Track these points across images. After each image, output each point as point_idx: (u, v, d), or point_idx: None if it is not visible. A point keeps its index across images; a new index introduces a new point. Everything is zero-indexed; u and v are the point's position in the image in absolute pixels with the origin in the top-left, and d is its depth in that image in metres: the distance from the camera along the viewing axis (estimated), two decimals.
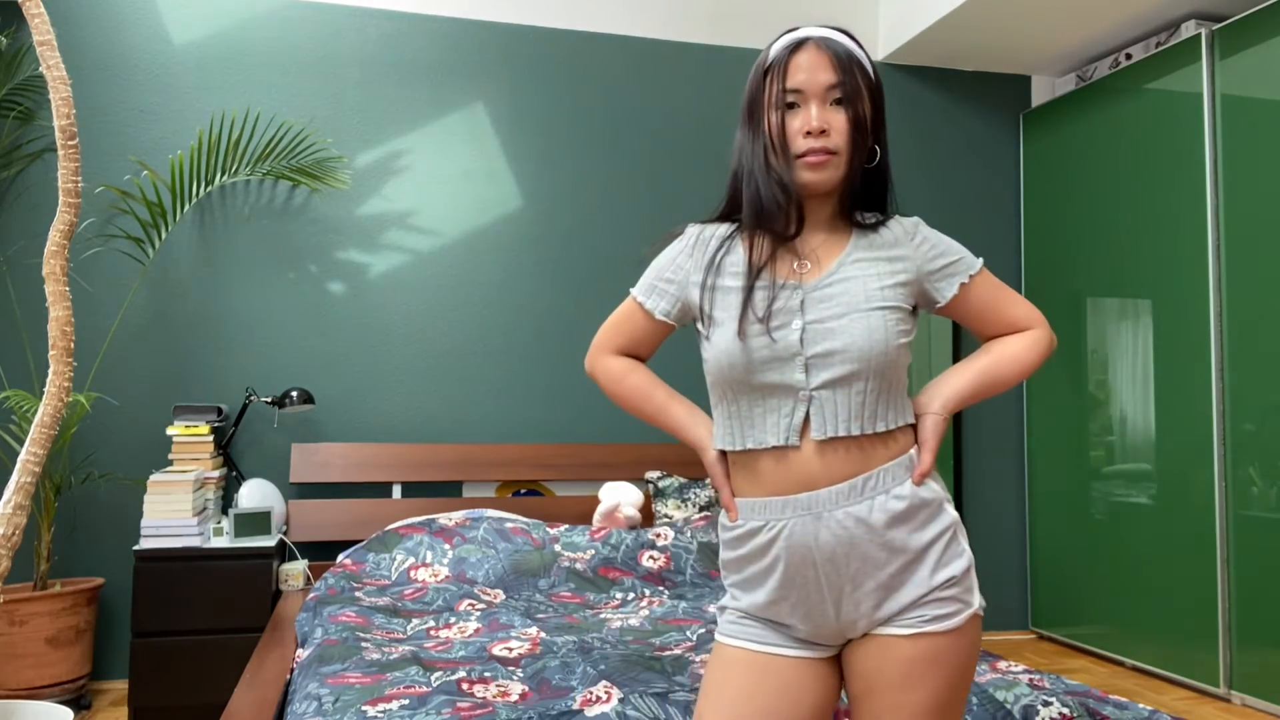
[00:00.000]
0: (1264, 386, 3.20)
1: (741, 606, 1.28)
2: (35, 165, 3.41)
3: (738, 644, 1.26)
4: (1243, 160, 3.29)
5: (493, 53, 3.84)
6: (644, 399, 1.36)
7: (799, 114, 1.22)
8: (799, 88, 1.22)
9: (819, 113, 1.21)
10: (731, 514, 1.26)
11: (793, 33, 1.26)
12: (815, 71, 1.22)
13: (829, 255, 1.27)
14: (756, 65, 1.29)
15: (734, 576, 1.29)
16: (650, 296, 1.34)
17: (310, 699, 1.89)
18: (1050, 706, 1.81)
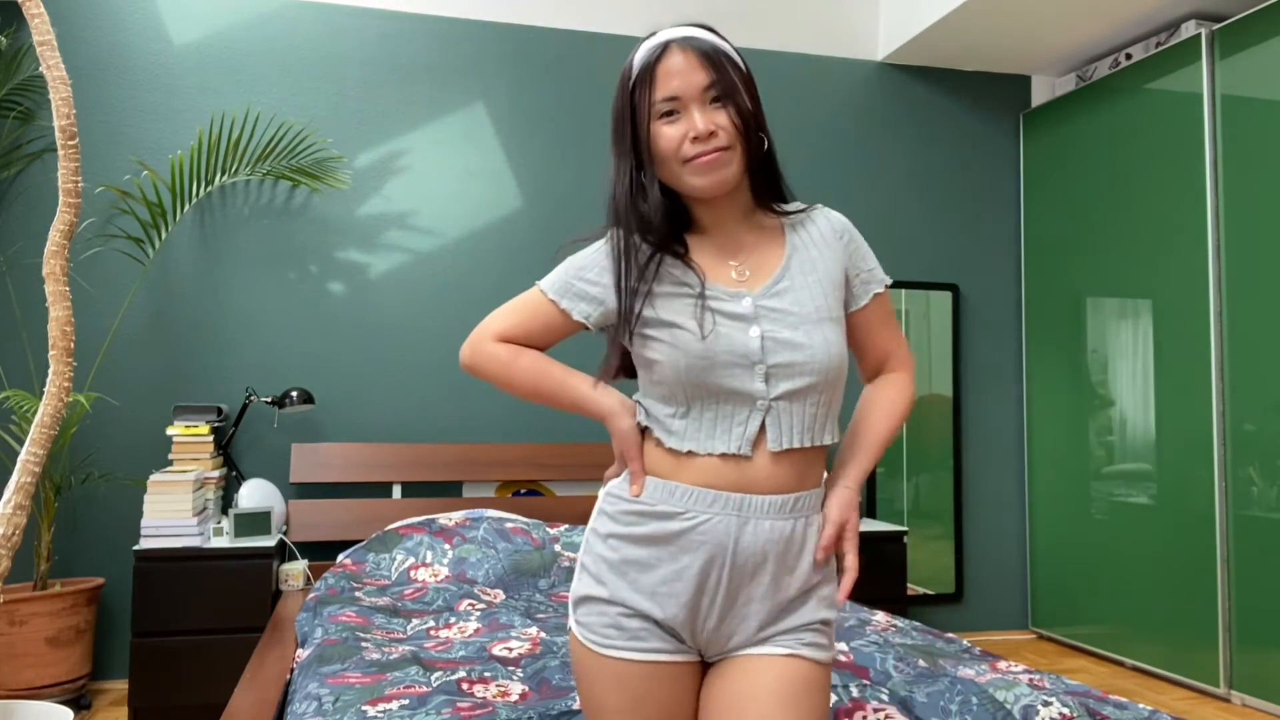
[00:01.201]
0: (1264, 386, 3.20)
1: (617, 599, 1.18)
2: (35, 165, 3.41)
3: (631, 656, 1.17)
4: (1243, 160, 3.29)
5: (493, 53, 3.84)
6: (542, 377, 1.25)
7: (680, 121, 1.17)
8: (675, 94, 1.17)
9: (702, 116, 1.17)
10: (635, 488, 1.20)
11: (651, 39, 1.20)
12: (688, 74, 1.17)
13: (769, 257, 1.25)
14: (621, 80, 1.23)
15: (614, 555, 1.20)
16: (566, 297, 1.25)
17: (310, 699, 1.89)
18: (1050, 706, 1.81)
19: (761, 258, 1.25)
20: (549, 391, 1.25)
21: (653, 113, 1.18)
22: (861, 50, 4.25)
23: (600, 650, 1.18)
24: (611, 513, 1.23)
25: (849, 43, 4.24)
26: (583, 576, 1.23)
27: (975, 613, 4.22)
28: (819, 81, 4.20)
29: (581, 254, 1.28)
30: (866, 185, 4.23)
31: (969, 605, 4.21)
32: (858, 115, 4.23)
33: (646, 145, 1.19)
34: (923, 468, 4.17)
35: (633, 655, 1.16)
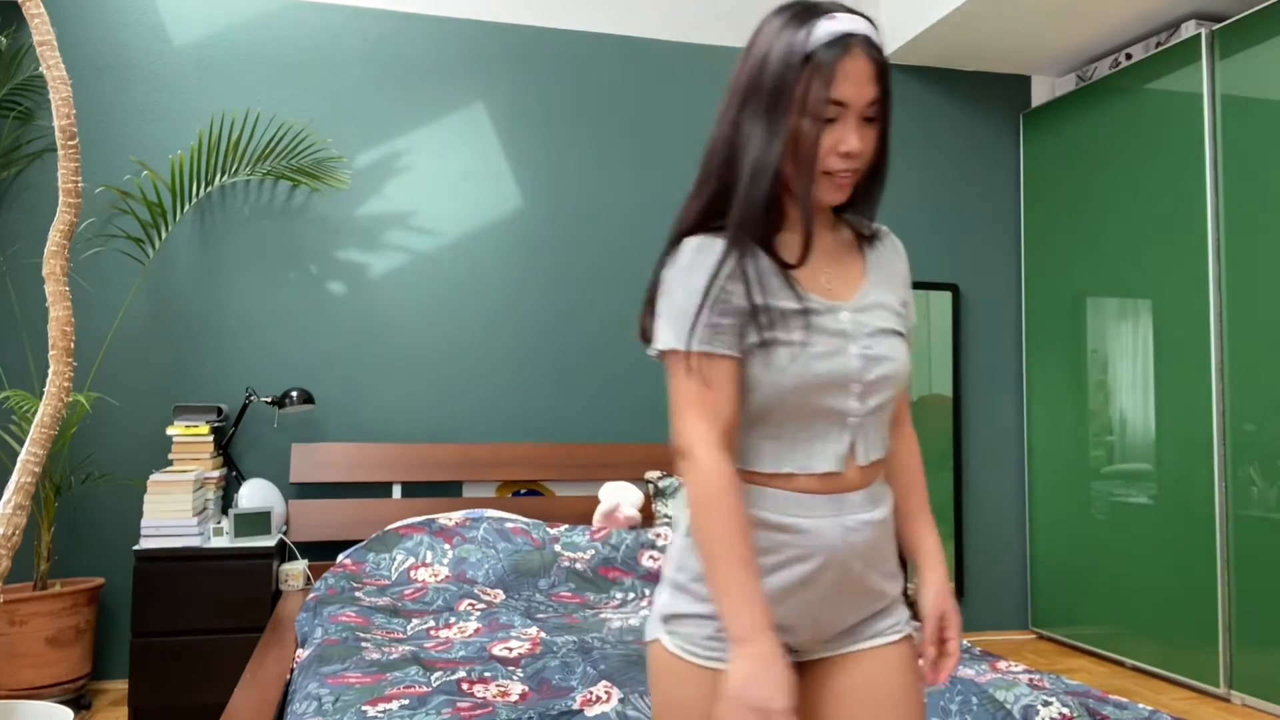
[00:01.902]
0: (1264, 386, 3.20)
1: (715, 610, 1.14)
2: (35, 165, 3.41)
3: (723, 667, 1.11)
4: (1243, 160, 3.29)
5: (493, 53, 3.84)
6: (732, 538, 1.05)
7: (835, 129, 1.08)
8: (845, 101, 1.07)
9: (857, 133, 1.09)
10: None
11: (833, 21, 1.08)
12: (862, 85, 1.08)
13: (851, 267, 1.21)
14: (782, 41, 1.09)
15: None
16: (716, 341, 1.09)
17: (310, 699, 1.89)
18: (1050, 706, 1.81)
19: (844, 267, 1.20)
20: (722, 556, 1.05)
21: (815, 109, 1.07)
22: None
23: (699, 661, 1.13)
24: None
25: None
26: (678, 595, 1.16)
27: (975, 612, 4.22)
28: None
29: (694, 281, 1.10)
30: None
31: (969, 605, 4.21)
32: None
33: (792, 134, 1.09)
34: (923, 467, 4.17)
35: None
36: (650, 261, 3.95)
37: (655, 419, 3.91)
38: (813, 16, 1.10)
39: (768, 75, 1.09)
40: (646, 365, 3.92)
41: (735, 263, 1.10)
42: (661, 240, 3.96)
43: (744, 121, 1.11)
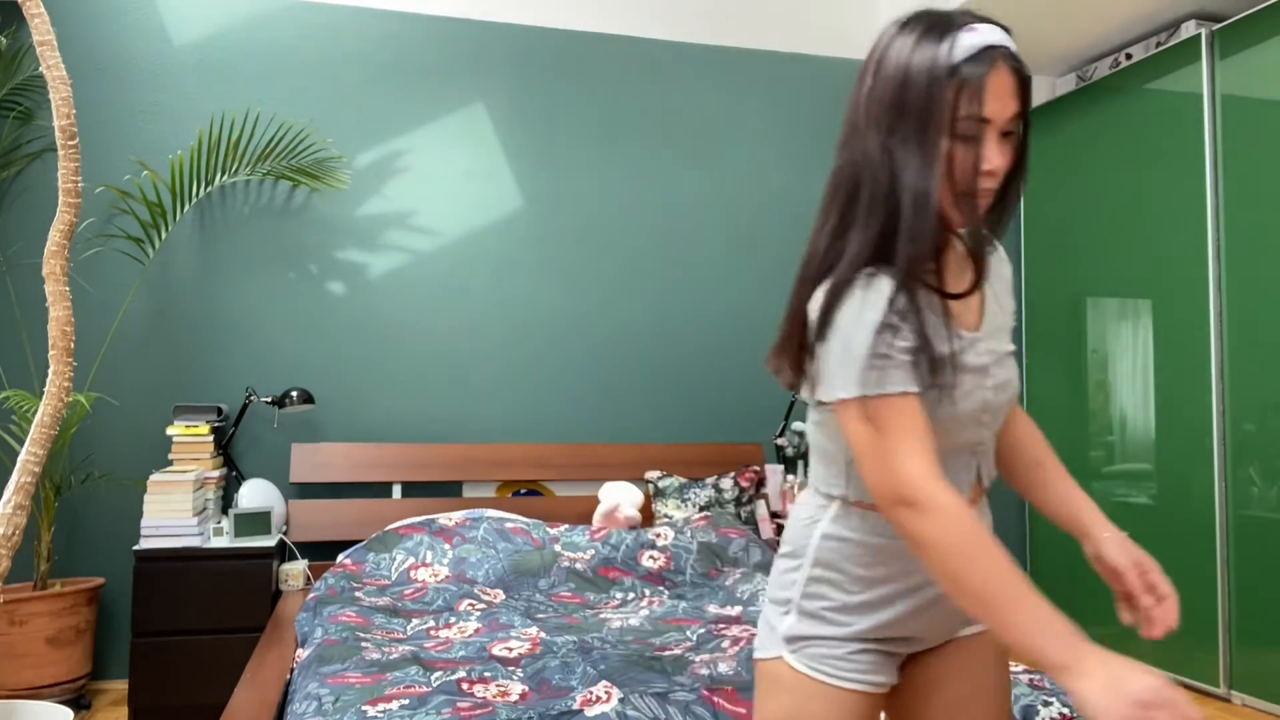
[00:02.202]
0: (1264, 386, 3.20)
1: (852, 633, 1.16)
2: (35, 165, 3.41)
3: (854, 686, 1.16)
4: (1243, 160, 3.29)
5: (493, 53, 3.84)
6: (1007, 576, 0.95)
7: (974, 145, 1.03)
8: (989, 117, 1.03)
9: (997, 148, 1.04)
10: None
11: (974, 33, 1.03)
12: (1006, 100, 1.03)
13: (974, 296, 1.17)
14: (922, 55, 1.03)
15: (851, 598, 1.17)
16: (905, 381, 1.04)
17: (310, 699, 1.89)
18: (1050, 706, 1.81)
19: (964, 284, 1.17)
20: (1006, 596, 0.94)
21: (964, 128, 1.02)
22: (861, 50, 4.25)
23: (830, 681, 1.16)
24: (835, 557, 1.17)
25: (849, 43, 4.24)
26: (804, 620, 1.18)
27: None
28: (819, 81, 4.20)
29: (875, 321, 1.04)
30: None
31: None
32: None
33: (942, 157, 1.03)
34: None
35: (862, 687, 1.16)
36: (650, 261, 3.95)
37: (655, 419, 3.91)
38: (950, 28, 1.04)
39: (913, 94, 1.03)
40: (646, 365, 3.92)
41: (908, 302, 1.04)
42: (661, 240, 3.96)
43: (895, 146, 1.04)
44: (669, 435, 3.93)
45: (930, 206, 1.02)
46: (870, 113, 1.07)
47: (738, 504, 3.62)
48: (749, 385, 4.03)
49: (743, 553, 3.22)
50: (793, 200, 4.13)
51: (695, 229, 4.01)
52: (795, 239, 4.12)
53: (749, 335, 4.04)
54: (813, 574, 1.18)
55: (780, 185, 4.12)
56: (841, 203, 1.08)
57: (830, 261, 1.08)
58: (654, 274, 3.95)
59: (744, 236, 4.06)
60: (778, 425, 4.02)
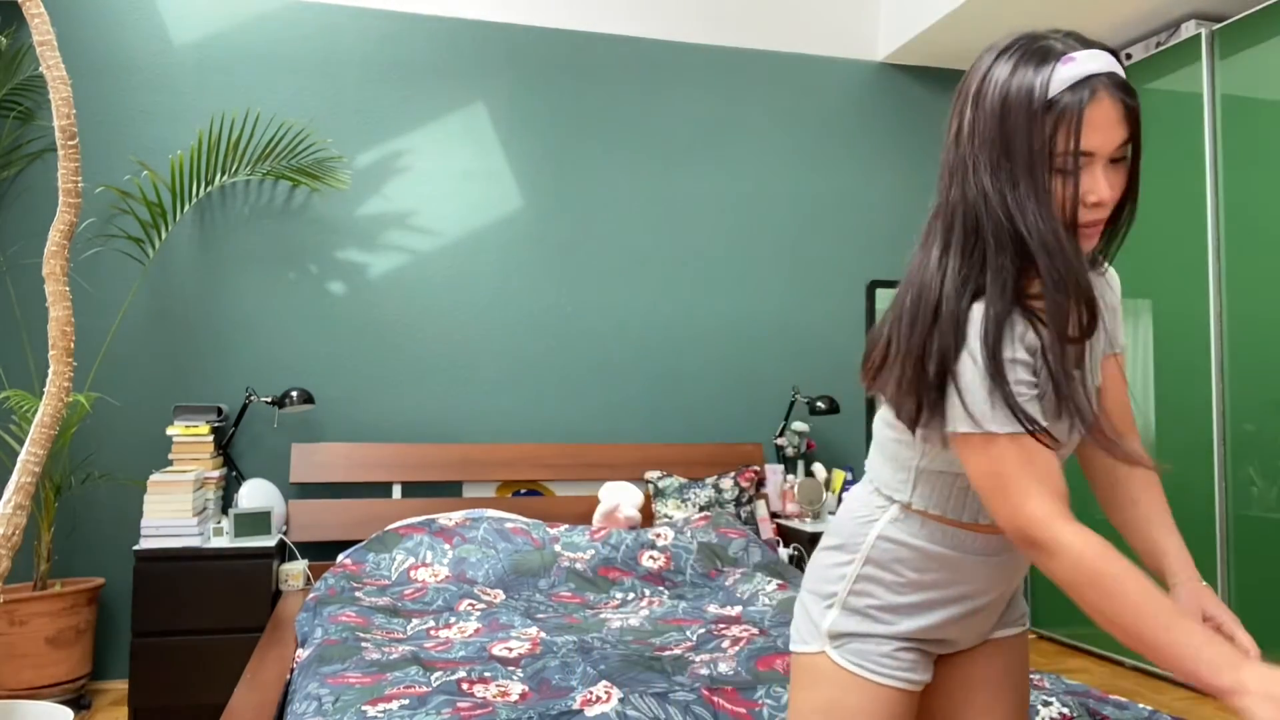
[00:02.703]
0: (1264, 386, 3.20)
1: (896, 632, 1.20)
2: (35, 165, 3.41)
3: (895, 684, 1.19)
4: (1243, 160, 3.29)
5: (493, 53, 3.84)
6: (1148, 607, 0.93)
7: (1082, 177, 1.01)
8: (1093, 150, 1.00)
9: (1105, 178, 1.01)
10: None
11: (1070, 64, 1.00)
12: (1110, 130, 0.99)
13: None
14: (1019, 90, 1.01)
15: (897, 599, 1.19)
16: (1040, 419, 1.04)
17: (310, 699, 1.89)
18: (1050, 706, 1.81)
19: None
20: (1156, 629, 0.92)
21: (1066, 163, 1.00)
22: (861, 50, 4.25)
23: (872, 677, 1.19)
24: (889, 558, 1.19)
25: (849, 43, 4.24)
26: (848, 616, 1.21)
27: None
28: (819, 81, 4.20)
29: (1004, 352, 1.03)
30: (866, 185, 4.23)
31: None
32: (858, 115, 4.23)
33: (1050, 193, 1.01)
34: None
35: (901, 685, 1.20)
36: (650, 261, 3.95)
37: (655, 419, 3.91)
38: (1048, 57, 1.01)
39: (1014, 132, 1.01)
40: (646, 365, 3.92)
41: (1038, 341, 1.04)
42: (661, 240, 3.96)
43: (1004, 187, 1.02)
44: (669, 435, 3.93)
45: (1064, 245, 1.00)
46: (975, 149, 1.05)
47: (738, 504, 3.62)
48: (749, 385, 4.03)
49: (743, 553, 3.22)
50: (793, 200, 4.13)
51: (695, 229, 4.01)
52: (795, 238, 4.12)
53: (749, 335, 4.04)
54: (863, 571, 1.20)
55: (780, 185, 4.12)
56: (963, 242, 1.06)
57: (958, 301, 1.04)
58: (654, 274, 3.95)
59: (744, 236, 4.06)
60: (778, 425, 4.02)
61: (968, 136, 1.05)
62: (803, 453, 3.93)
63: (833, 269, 4.16)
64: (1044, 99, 0.99)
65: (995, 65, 1.04)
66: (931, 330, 1.05)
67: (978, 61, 1.08)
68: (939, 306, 1.05)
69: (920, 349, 1.06)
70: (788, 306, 4.10)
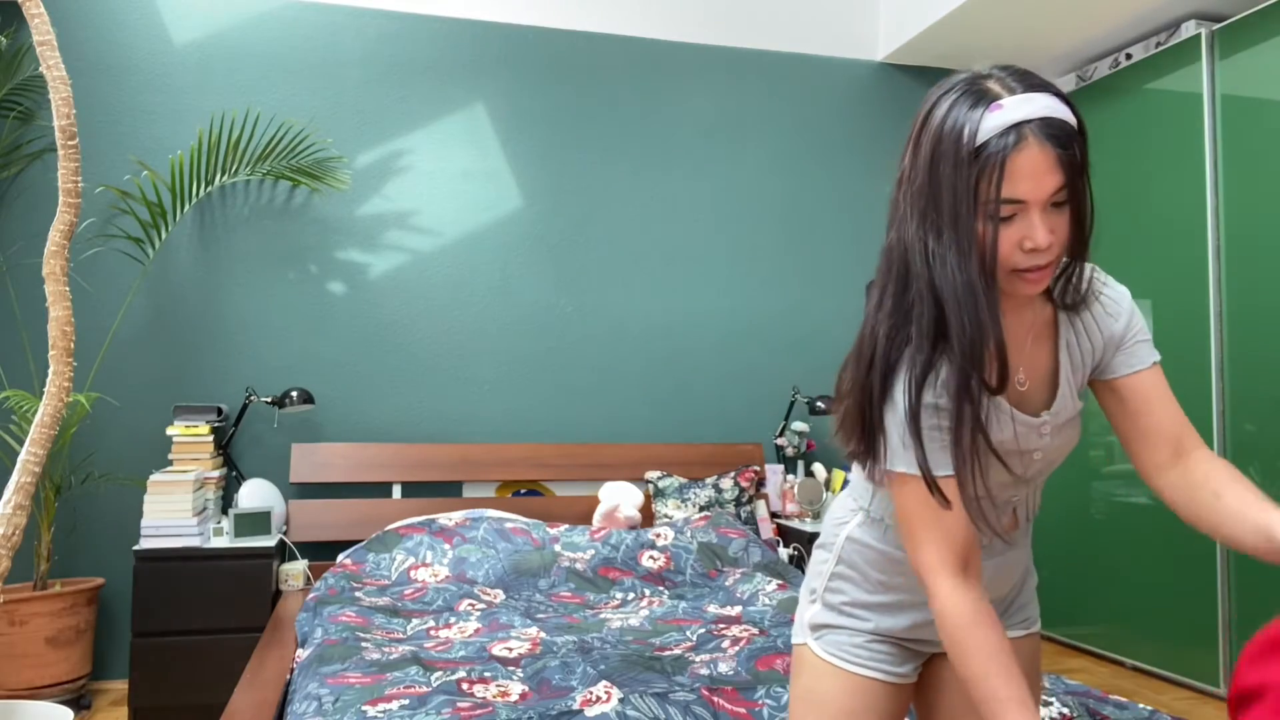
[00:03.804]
0: (1264, 386, 3.20)
1: (869, 628, 1.26)
2: (35, 165, 3.41)
3: (868, 673, 1.25)
4: (1243, 160, 3.29)
5: (493, 53, 3.84)
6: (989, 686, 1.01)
7: (1016, 223, 0.99)
8: (1022, 198, 0.98)
9: (1043, 223, 0.99)
10: None
11: (999, 111, 0.97)
12: (1041, 178, 0.97)
13: (1040, 356, 1.14)
14: (948, 139, 0.99)
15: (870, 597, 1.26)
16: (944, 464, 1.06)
17: (310, 699, 1.89)
18: (1050, 706, 1.81)
19: (1035, 357, 1.13)
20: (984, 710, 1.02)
21: (990, 211, 0.98)
22: (861, 50, 4.25)
23: (844, 665, 1.25)
24: (858, 560, 1.25)
25: (849, 43, 4.24)
26: (826, 611, 1.28)
27: None
28: (819, 81, 4.20)
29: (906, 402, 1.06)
30: (867, 185, 4.23)
31: None
32: (858, 115, 4.23)
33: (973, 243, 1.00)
34: None
35: (876, 675, 1.24)
36: (650, 261, 3.95)
37: (655, 419, 3.91)
38: (980, 101, 0.99)
39: (941, 181, 1.00)
40: (646, 365, 3.92)
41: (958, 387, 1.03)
42: (661, 240, 3.97)
43: (929, 236, 1.02)
44: (669, 435, 3.93)
45: (977, 299, 1.00)
46: (907, 196, 1.05)
47: (738, 504, 3.62)
48: (749, 385, 4.03)
49: (743, 553, 3.22)
50: (792, 200, 4.13)
51: (695, 229, 4.01)
52: (795, 239, 4.12)
53: (749, 335, 4.04)
54: (836, 570, 1.28)
55: (780, 185, 4.12)
56: (895, 287, 1.07)
57: (889, 346, 1.07)
58: (654, 274, 3.95)
59: (743, 236, 4.06)
60: (778, 425, 4.02)
61: (907, 181, 1.05)
62: (803, 453, 3.93)
63: (832, 268, 4.16)
64: (971, 147, 0.98)
65: (936, 107, 1.03)
66: (869, 373, 1.08)
67: (925, 100, 1.06)
68: (874, 351, 1.08)
69: (860, 390, 1.10)
70: (788, 306, 4.10)
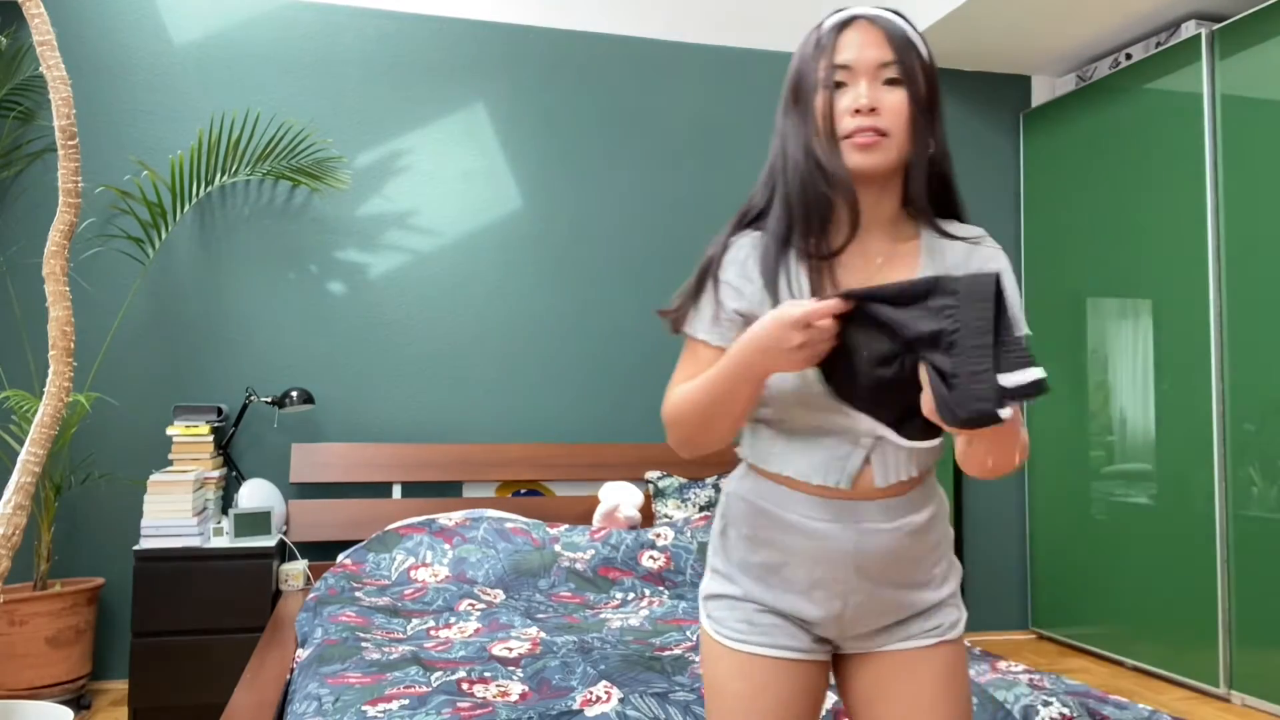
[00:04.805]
0: (1264, 386, 3.20)
1: (750, 597, 1.17)
2: (35, 165, 3.41)
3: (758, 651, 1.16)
4: (1243, 160, 3.29)
5: (493, 53, 3.84)
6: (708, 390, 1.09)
7: (847, 92, 1.10)
8: (848, 64, 1.10)
9: (869, 90, 1.09)
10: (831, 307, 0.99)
11: (841, 12, 1.14)
12: (866, 48, 1.10)
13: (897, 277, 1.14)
14: (803, 44, 1.16)
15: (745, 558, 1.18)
16: (718, 334, 1.14)
17: (310, 699, 1.89)
18: (1050, 706, 1.81)
19: (890, 276, 1.14)
20: (719, 385, 1.08)
21: (825, 79, 1.10)
22: None
23: (729, 644, 1.17)
24: (735, 515, 1.20)
25: None
26: (714, 577, 1.22)
27: (975, 613, 4.22)
28: None
29: (724, 271, 1.15)
30: None
31: (969, 605, 4.21)
32: None
33: (813, 113, 1.11)
34: None
35: (760, 650, 1.16)
36: (650, 261, 3.95)
37: (655, 419, 3.91)
38: (822, 22, 1.16)
39: (793, 74, 1.16)
40: (647, 365, 3.92)
41: (759, 258, 1.14)
42: (661, 240, 3.97)
43: (785, 122, 1.15)
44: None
45: (809, 156, 1.10)
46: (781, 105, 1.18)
47: None
48: None
49: None
50: None
51: (695, 229, 4.00)
52: None
53: None
54: (719, 528, 1.23)
55: None
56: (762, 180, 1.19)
57: (729, 230, 1.20)
58: (654, 274, 3.95)
59: None
60: None
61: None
62: None
63: None
64: (815, 38, 1.14)
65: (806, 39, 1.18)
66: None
67: None
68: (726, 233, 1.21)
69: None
70: None
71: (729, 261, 1.16)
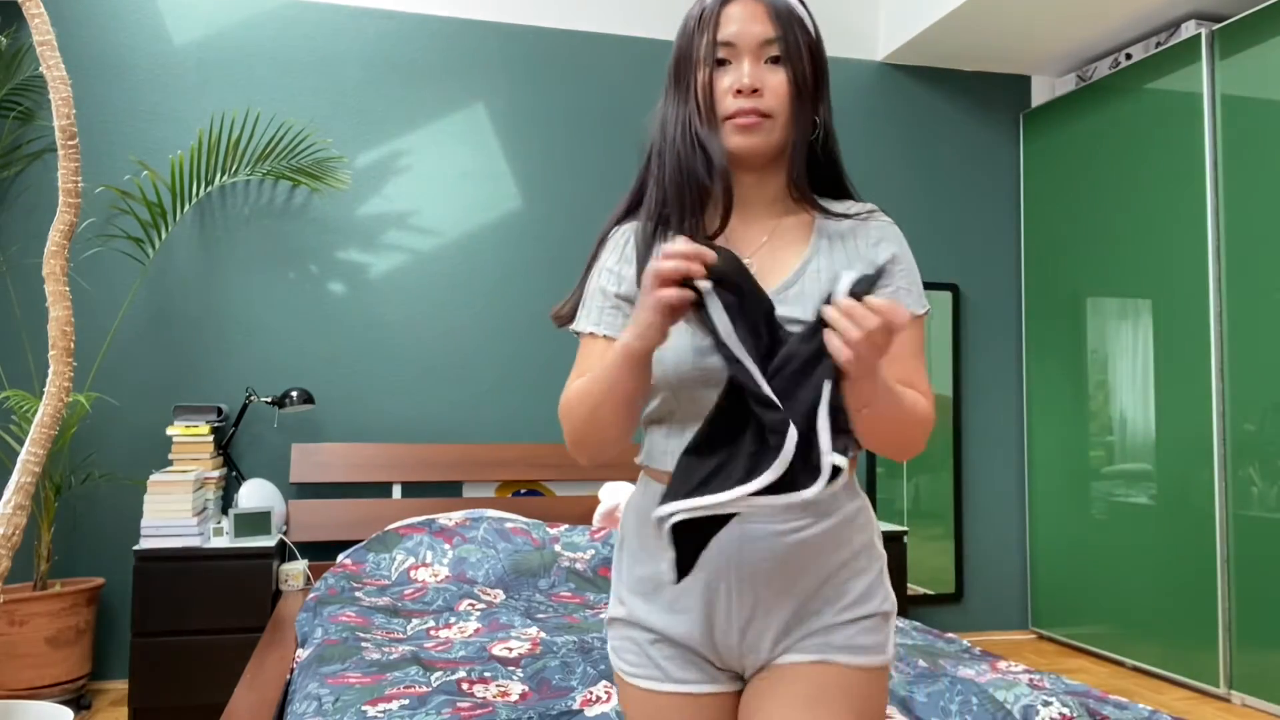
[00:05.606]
0: (1264, 386, 3.20)
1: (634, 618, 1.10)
2: (35, 165, 3.41)
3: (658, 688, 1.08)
4: (1243, 160, 3.29)
5: (493, 53, 3.84)
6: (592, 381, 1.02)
7: (729, 71, 1.07)
8: (730, 40, 1.06)
9: (752, 70, 1.06)
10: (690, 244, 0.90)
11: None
12: (749, 23, 1.06)
13: (787, 255, 1.10)
14: (686, 18, 1.11)
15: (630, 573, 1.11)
16: (605, 324, 1.11)
17: (310, 699, 1.89)
18: (1050, 706, 1.81)
19: (778, 254, 1.10)
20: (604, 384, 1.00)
21: (705, 56, 1.07)
22: (861, 50, 4.25)
23: (629, 679, 1.11)
24: (628, 529, 1.14)
25: (849, 43, 4.24)
26: (612, 600, 1.16)
27: (975, 613, 4.22)
28: None
29: (598, 269, 1.16)
30: (866, 185, 4.21)
31: (969, 605, 4.21)
32: (858, 115, 4.23)
33: (693, 92, 1.07)
34: (923, 468, 4.17)
35: (660, 687, 1.09)
36: None
37: None
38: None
39: (677, 55, 1.12)
40: None
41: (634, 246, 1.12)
42: None
43: (666, 106, 1.12)
44: None
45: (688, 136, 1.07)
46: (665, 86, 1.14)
47: None
48: None
49: None
50: None
51: None
52: None
53: None
54: (617, 546, 1.17)
55: None
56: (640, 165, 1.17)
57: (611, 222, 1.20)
58: None
59: None
60: None
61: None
62: None
63: None
64: (696, 16, 1.10)
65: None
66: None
67: None
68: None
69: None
70: None
71: (609, 249, 1.16)
